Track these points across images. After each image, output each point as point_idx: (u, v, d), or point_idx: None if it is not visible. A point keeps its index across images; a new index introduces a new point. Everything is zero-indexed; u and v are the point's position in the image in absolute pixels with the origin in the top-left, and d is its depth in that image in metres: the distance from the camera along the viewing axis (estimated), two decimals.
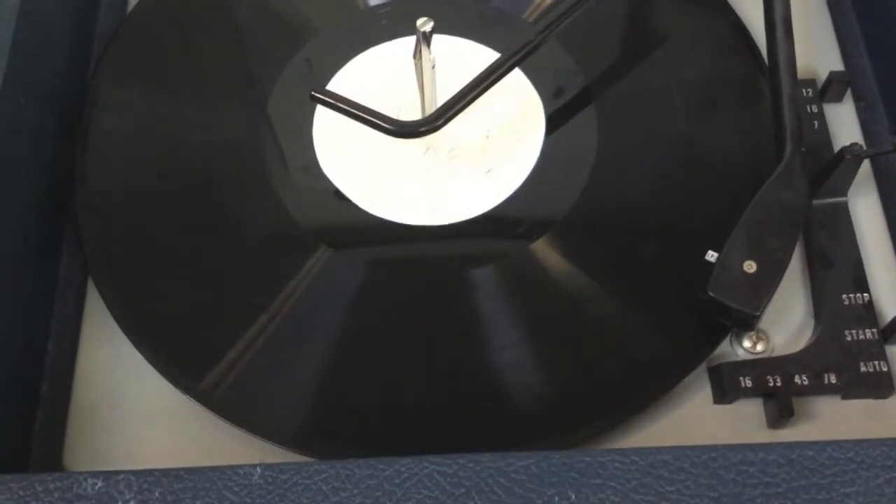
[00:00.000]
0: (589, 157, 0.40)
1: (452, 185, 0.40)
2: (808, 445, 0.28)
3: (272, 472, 0.27)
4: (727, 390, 0.35)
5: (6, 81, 0.36)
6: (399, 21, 0.44)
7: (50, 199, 0.39)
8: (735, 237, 0.35)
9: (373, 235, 0.39)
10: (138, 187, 0.41)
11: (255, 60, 0.44)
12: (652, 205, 0.39)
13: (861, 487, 0.27)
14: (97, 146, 0.41)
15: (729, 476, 0.27)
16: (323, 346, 0.36)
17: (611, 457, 0.28)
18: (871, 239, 0.39)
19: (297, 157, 0.41)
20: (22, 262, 0.37)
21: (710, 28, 0.44)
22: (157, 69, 0.44)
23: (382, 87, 0.43)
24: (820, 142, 0.41)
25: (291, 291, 0.37)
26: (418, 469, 0.27)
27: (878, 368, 0.35)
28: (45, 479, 0.27)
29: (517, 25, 0.44)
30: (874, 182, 0.41)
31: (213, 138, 0.42)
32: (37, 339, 0.37)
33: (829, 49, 0.45)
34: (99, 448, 0.36)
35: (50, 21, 0.41)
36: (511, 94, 0.42)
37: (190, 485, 0.27)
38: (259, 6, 0.46)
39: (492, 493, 0.27)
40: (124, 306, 0.37)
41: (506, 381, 0.36)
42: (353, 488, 0.27)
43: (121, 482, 0.27)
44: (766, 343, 0.37)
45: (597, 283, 0.38)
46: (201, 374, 0.35)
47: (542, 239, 0.38)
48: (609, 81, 0.42)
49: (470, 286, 0.37)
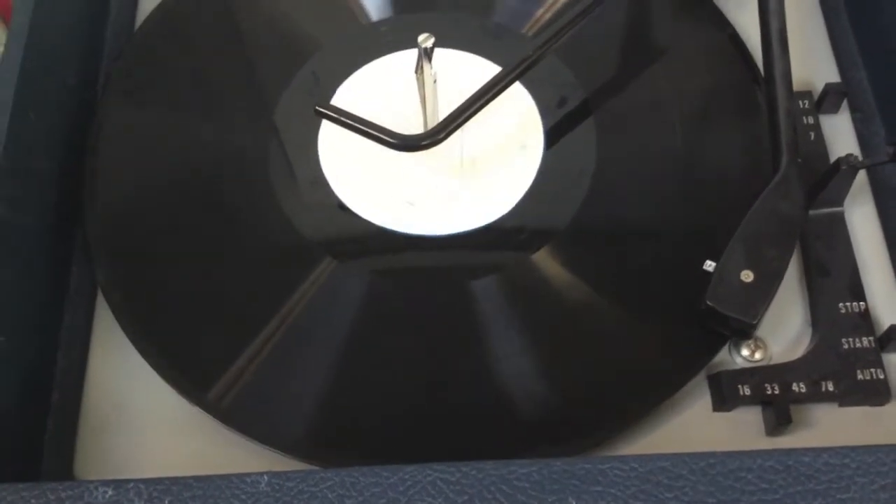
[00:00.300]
0: (588, 168, 0.41)
1: (455, 196, 0.41)
2: (805, 452, 0.28)
3: (279, 479, 0.28)
4: (726, 398, 0.36)
5: (17, 97, 0.37)
6: (401, 34, 0.45)
7: (60, 211, 0.40)
8: (732, 247, 0.35)
9: (377, 246, 0.40)
10: (146, 200, 0.41)
11: (260, 75, 0.45)
12: (651, 215, 0.40)
13: (857, 493, 0.27)
14: (106, 160, 0.42)
15: (727, 482, 0.28)
16: (328, 355, 0.37)
17: (611, 464, 0.28)
18: (867, 248, 0.40)
19: (303, 170, 0.42)
20: (33, 274, 0.37)
21: (707, 41, 0.45)
22: (164, 85, 0.45)
23: (385, 99, 0.43)
24: (816, 153, 0.41)
25: (297, 302, 0.38)
26: (422, 477, 0.28)
27: (874, 376, 0.36)
28: (56, 488, 0.28)
29: (518, 40, 0.45)
30: (870, 192, 0.41)
31: (219, 152, 0.42)
32: (47, 350, 0.38)
33: (825, 61, 0.45)
34: (109, 457, 0.36)
35: (59, 39, 0.42)
36: (512, 108, 0.43)
37: (199, 493, 0.28)
38: (262, 23, 0.47)
39: (494, 500, 0.28)
40: (133, 317, 0.38)
41: (507, 390, 0.36)
42: (357, 496, 0.28)
43: (130, 490, 0.28)
44: (765, 351, 0.37)
45: (597, 293, 0.38)
46: (209, 384, 0.36)
47: (543, 249, 0.39)
48: (608, 94, 0.43)
49: (472, 296, 0.38)
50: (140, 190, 0.42)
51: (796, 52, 0.40)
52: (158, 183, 0.42)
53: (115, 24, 0.47)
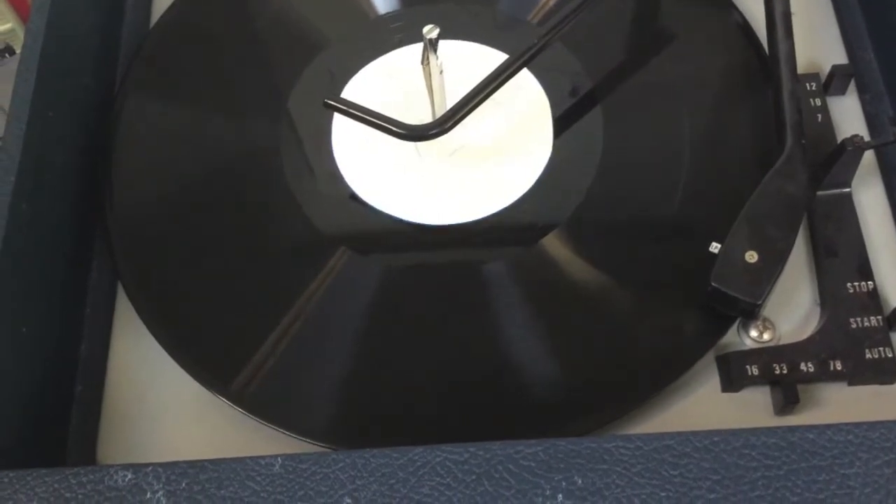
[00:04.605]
0: (596, 154, 0.41)
1: (464, 185, 0.41)
2: (809, 429, 0.28)
3: (292, 462, 0.29)
4: (734, 379, 0.36)
5: (36, 96, 0.38)
6: (409, 28, 0.46)
7: (80, 206, 0.41)
8: (737, 229, 0.36)
9: (390, 236, 0.40)
10: (163, 193, 0.42)
11: (273, 71, 0.46)
12: (658, 200, 0.40)
13: (861, 469, 0.28)
14: (124, 155, 0.43)
15: (731, 460, 0.28)
16: (344, 343, 0.38)
17: (616, 443, 0.29)
18: (875, 228, 0.40)
19: (318, 163, 0.42)
20: (55, 269, 0.38)
21: (713, 26, 0.45)
22: (179, 81, 0.46)
23: (396, 92, 0.44)
24: (824, 135, 0.41)
25: (313, 292, 0.39)
26: (431, 457, 0.29)
27: (883, 354, 0.36)
28: (78, 473, 0.29)
29: (524, 28, 0.45)
30: (879, 173, 0.41)
31: (234, 146, 0.43)
32: (71, 342, 0.39)
33: (833, 43, 0.45)
34: (131, 445, 0.37)
35: (76, 37, 0.43)
36: (520, 97, 0.43)
37: (214, 475, 0.29)
38: (274, 20, 0.47)
39: (502, 479, 0.28)
40: (152, 309, 0.39)
41: (518, 374, 0.37)
42: (368, 476, 0.28)
43: (150, 474, 0.29)
44: (773, 332, 0.37)
45: (606, 276, 0.39)
46: (227, 374, 0.37)
47: (552, 234, 0.39)
48: (615, 81, 0.43)
49: (484, 282, 0.39)
50: (157, 183, 0.43)
51: (803, 34, 0.40)
52: (175, 176, 0.43)
53: (130, 22, 0.48)
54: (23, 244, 0.36)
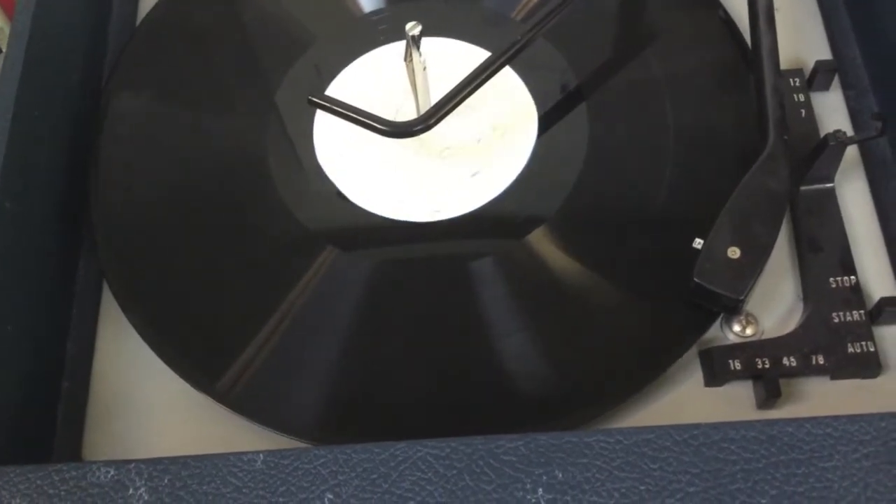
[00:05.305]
0: (580, 150, 0.41)
1: (449, 182, 0.41)
2: (788, 422, 0.29)
3: (274, 458, 0.29)
4: (717, 373, 0.36)
5: (20, 94, 0.38)
6: (394, 26, 0.46)
7: (66, 204, 0.41)
8: (719, 224, 0.36)
9: (376, 234, 0.41)
10: (149, 192, 0.42)
11: (259, 69, 0.46)
12: (642, 196, 0.40)
13: (840, 462, 0.28)
14: (109, 153, 0.43)
15: (710, 453, 0.28)
16: (330, 341, 0.38)
17: (596, 437, 0.29)
18: (858, 223, 0.40)
19: (304, 161, 0.42)
20: (40, 268, 0.38)
21: (697, 22, 0.45)
22: (165, 80, 0.46)
23: (380, 90, 0.44)
24: (807, 130, 0.41)
25: (300, 291, 0.39)
26: (412, 452, 0.29)
27: (865, 349, 0.36)
28: (60, 469, 0.29)
29: (508, 25, 0.45)
30: (862, 168, 0.41)
31: (219, 144, 0.43)
32: (57, 340, 0.39)
33: (817, 38, 0.45)
34: (116, 442, 0.38)
35: (61, 35, 0.43)
36: (504, 93, 0.43)
37: (196, 471, 0.29)
38: (261, 17, 0.48)
39: (483, 473, 0.28)
40: (137, 307, 0.39)
41: (504, 369, 0.37)
42: (350, 471, 0.28)
43: (132, 470, 0.29)
44: (756, 327, 0.38)
45: (590, 273, 0.39)
46: (210, 371, 0.37)
47: (538, 231, 0.39)
48: (599, 77, 0.43)
49: (468, 279, 0.39)
50: (143, 182, 0.43)
51: (788, 29, 0.40)
52: (161, 175, 0.43)
53: (116, 20, 0.48)
54: (8, 243, 0.36)
